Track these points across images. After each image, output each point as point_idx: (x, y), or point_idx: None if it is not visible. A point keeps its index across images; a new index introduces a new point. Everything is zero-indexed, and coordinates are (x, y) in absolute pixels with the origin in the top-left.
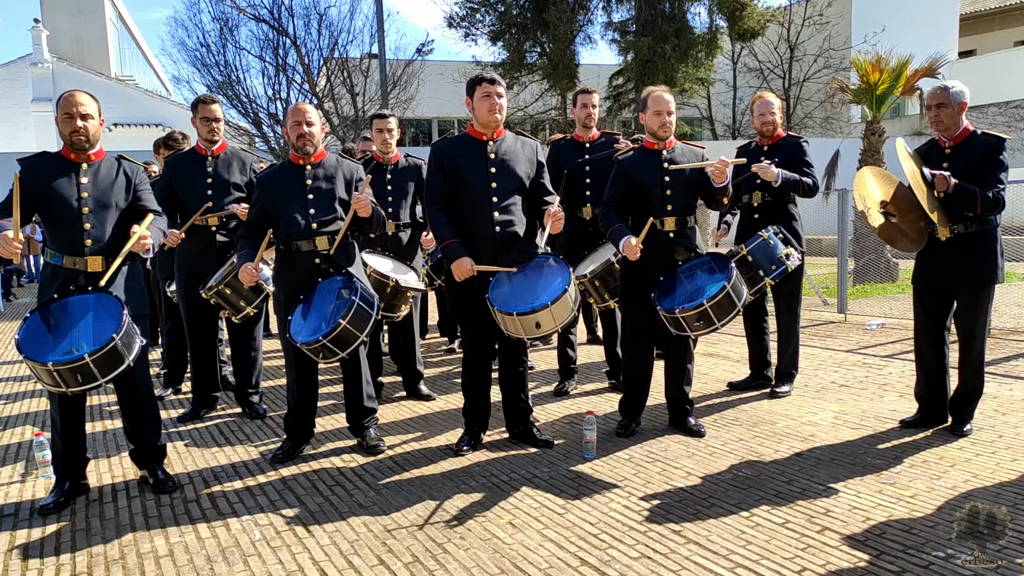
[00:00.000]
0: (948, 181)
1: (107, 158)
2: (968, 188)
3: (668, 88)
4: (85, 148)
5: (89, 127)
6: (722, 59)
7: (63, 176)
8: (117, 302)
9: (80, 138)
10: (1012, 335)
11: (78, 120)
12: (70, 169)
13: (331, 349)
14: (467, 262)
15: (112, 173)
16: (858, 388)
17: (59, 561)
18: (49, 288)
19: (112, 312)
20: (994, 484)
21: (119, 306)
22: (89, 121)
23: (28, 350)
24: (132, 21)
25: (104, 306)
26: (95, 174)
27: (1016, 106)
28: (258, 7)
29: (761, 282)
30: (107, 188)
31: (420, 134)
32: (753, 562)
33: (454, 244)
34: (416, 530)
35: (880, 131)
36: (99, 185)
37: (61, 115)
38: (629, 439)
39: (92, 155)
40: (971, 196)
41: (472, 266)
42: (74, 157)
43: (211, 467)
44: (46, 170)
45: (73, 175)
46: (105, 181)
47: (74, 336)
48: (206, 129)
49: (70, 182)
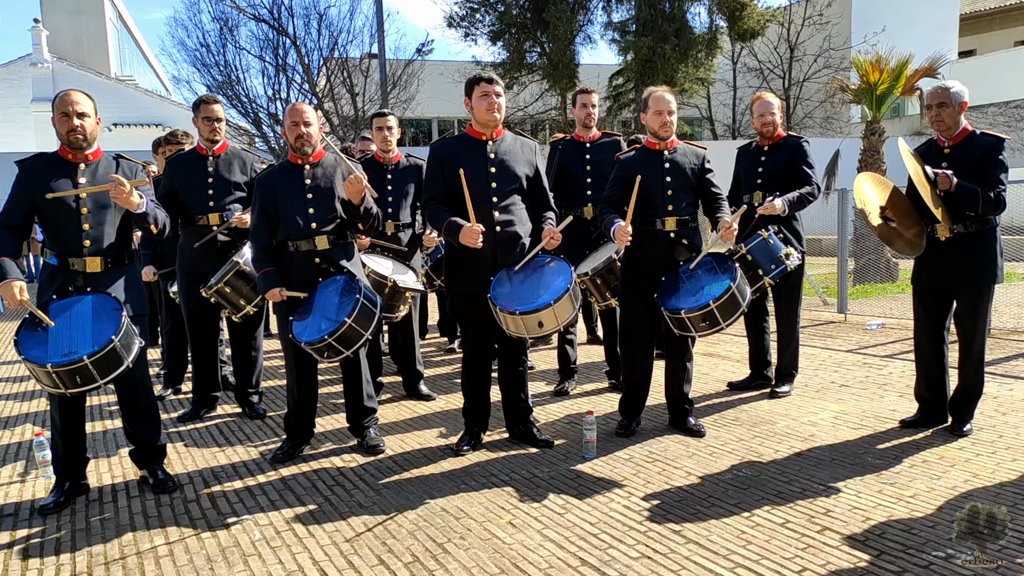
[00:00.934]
0: (951, 180)
1: (105, 157)
2: (970, 187)
3: (669, 88)
4: (82, 147)
5: (86, 126)
6: (722, 59)
7: (61, 177)
8: (116, 303)
9: (77, 136)
10: (1012, 335)
11: (75, 119)
12: (68, 169)
13: (336, 348)
14: (477, 227)
15: (111, 172)
16: (858, 388)
17: (59, 561)
18: (48, 288)
19: (111, 313)
20: (994, 484)
21: (118, 307)
22: (86, 120)
23: (27, 352)
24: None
25: (103, 307)
26: (93, 174)
27: (1016, 106)
28: (258, 7)
29: (761, 281)
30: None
31: (420, 134)
32: (753, 562)
33: (452, 220)
34: (416, 530)
35: (880, 131)
36: (96, 185)
37: (57, 114)
38: (629, 439)
39: (89, 155)
40: (972, 195)
41: (477, 228)
42: (71, 157)
43: (211, 467)
44: (44, 171)
45: (71, 175)
46: (102, 180)
47: (73, 337)
48: (207, 129)
49: (68, 183)
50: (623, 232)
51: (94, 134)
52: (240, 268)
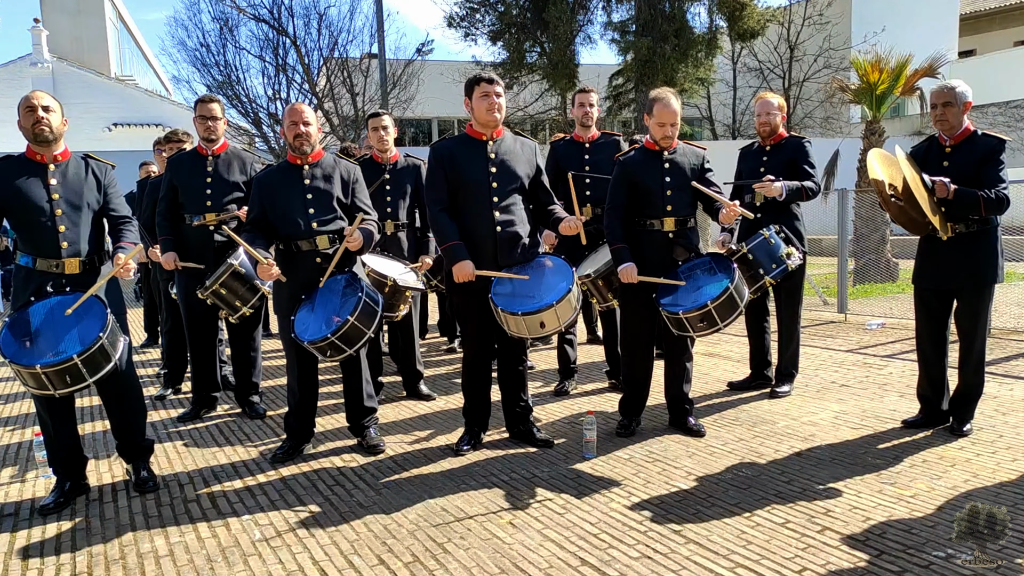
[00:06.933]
0: (948, 188)
1: (73, 157)
2: (968, 192)
3: (676, 93)
4: (48, 141)
5: (52, 120)
6: (722, 59)
7: (31, 177)
8: (99, 302)
9: (43, 128)
10: (1012, 335)
11: (39, 111)
12: (37, 170)
13: (338, 346)
14: (468, 266)
15: (81, 173)
16: (858, 388)
17: (59, 561)
18: (24, 291)
19: (95, 312)
20: (994, 484)
21: (101, 306)
22: (51, 114)
23: (12, 355)
24: (132, 21)
25: (86, 306)
26: (63, 175)
27: (1016, 106)
28: (258, 7)
29: (762, 281)
30: (78, 188)
31: (420, 134)
32: (753, 562)
33: (456, 246)
34: (416, 530)
35: (880, 131)
36: (69, 185)
37: (22, 111)
38: (629, 439)
39: (58, 155)
40: (972, 200)
41: (472, 271)
42: (40, 158)
43: (211, 467)
44: (12, 172)
45: (41, 176)
46: (75, 181)
47: (59, 338)
48: (203, 128)
49: (38, 183)
50: (629, 276)
51: (60, 131)
52: (235, 269)
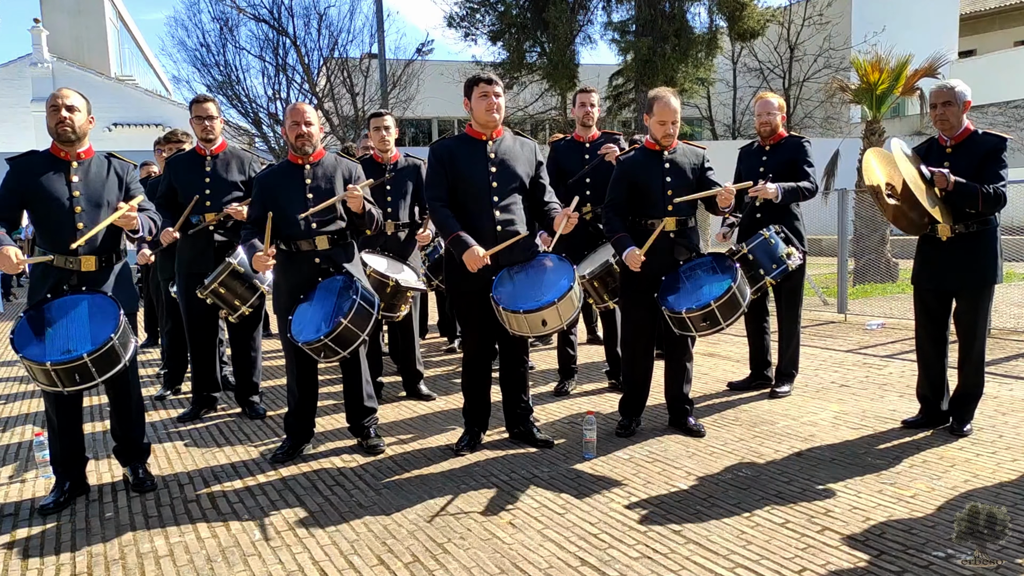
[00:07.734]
0: (947, 178)
1: (97, 156)
2: (968, 184)
3: (675, 92)
4: (71, 140)
5: (76, 119)
6: (722, 59)
7: (54, 174)
8: (113, 302)
9: (65, 128)
10: (1012, 335)
11: (63, 111)
12: (60, 167)
13: (332, 348)
14: (478, 250)
15: (103, 171)
16: (858, 388)
17: (59, 561)
18: (41, 287)
19: (108, 312)
20: (994, 484)
21: (115, 306)
22: (75, 113)
23: (25, 350)
24: (132, 21)
25: (99, 305)
26: (86, 172)
27: (1016, 106)
28: (258, 7)
29: (762, 281)
30: (99, 186)
31: (420, 134)
32: (753, 562)
33: (461, 236)
34: (416, 530)
35: (880, 131)
36: (90, 183)
37: (48, 109)
38: (629, 439)
39: (82, 153)
40: (971, 192)
41: (484, 253)
42: (64, 155)
43: (211, 467)
44: (36, 168)
45: (64, 173)
46: (96, 179)
47: (71, 336)
48: (200, 128)
49: (61, 180)
50: (636, 261)
51: (84, 130)
52: (234, 269)
